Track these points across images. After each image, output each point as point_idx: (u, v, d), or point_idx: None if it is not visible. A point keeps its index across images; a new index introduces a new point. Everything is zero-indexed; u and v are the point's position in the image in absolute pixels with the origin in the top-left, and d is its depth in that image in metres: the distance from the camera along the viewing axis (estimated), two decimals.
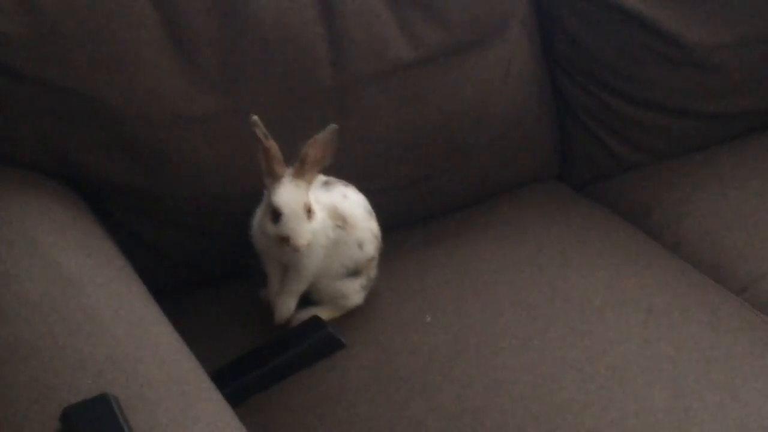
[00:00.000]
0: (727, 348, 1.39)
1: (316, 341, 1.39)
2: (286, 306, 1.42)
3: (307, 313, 1.44)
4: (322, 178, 1.40)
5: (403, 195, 1.57)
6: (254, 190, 1.38)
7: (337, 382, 1.35)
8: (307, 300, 1.45)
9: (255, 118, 1.29)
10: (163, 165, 1.45)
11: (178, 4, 1.42)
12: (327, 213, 1.38)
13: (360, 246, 1.42)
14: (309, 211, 1.34)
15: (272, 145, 1.31)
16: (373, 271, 1.46)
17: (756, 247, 1.57)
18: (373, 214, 1.44)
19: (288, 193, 1.32)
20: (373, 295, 1.47)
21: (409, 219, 1.59)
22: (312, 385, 1.35)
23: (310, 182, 1.35)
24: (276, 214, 1.32)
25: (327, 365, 1.37)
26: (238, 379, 1.32)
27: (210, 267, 1.52)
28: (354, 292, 1.45)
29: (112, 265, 1.29)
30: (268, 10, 1.46)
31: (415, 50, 1.55)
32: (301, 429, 1.29)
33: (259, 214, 1.38)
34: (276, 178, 1.33)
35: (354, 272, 1.43)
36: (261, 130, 1.29)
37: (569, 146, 1.74)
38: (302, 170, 1.33)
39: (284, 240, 1.32)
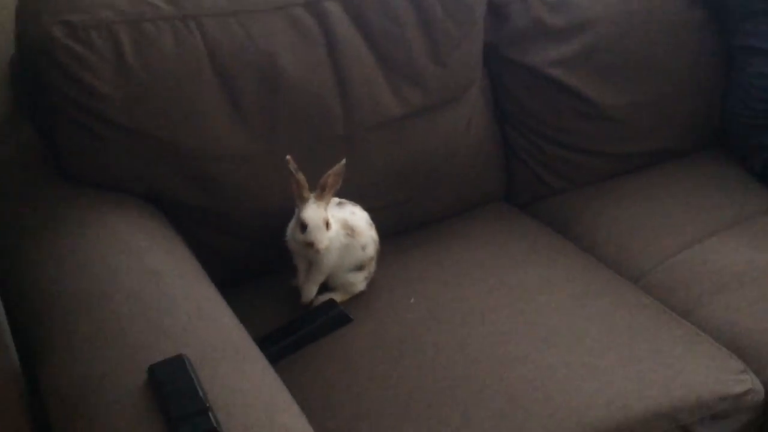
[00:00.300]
0: (625, 321, 1.39)
1: (331, 317, 1.40)
2: (310, 291, 1.42)
3: (324, 297, 1.44)
4: (336, 199, 1.41)
5: (394, 212, 1.58)
6: (287, 208, 1.40)
7: (346, 347, 1.36)
8: (324, 287, 1.45)
9: (288, 158, 1.33)
10: (221, 191, 1.45)
11: (233, 75, 1.42)
12: (340, 225, 1.40)
13: (363, 248, 1.42)
14: (327, 224, 1.35)
15: (301, 177, 1.33)
16: (372, 266, 1.47)
17: (647, 249, 1.57)
18: (373, 225, 1.46)
19: (312, 211, 1.34)
20: (372, 283, 1.47)
21: (398, 229, 1.59)
22: (328, 348, 1.36)
23: (327, 203, 1.37)
24: (303, 226, 1.34)
25: (339, 334, 1.38)
26: (274, 345, 1.33)
27: (255, 263, 1.52)
28: (359, 281, 1.45)
29: (184, 261, 1.29)
30: (297, 79, 1.46)
31: (402, 108, 1.55)
32: (319, 381, 1.29)
33: (291, 226, 1.40)
34: (303, 200, 1.34)
35: (359, 267, 1.44)
36: (293, 166, 1.32)
37: (513, 177, 1.74)
38: (322, 194, 1.35)
39: (309, 244, 1.34)
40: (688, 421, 1.23)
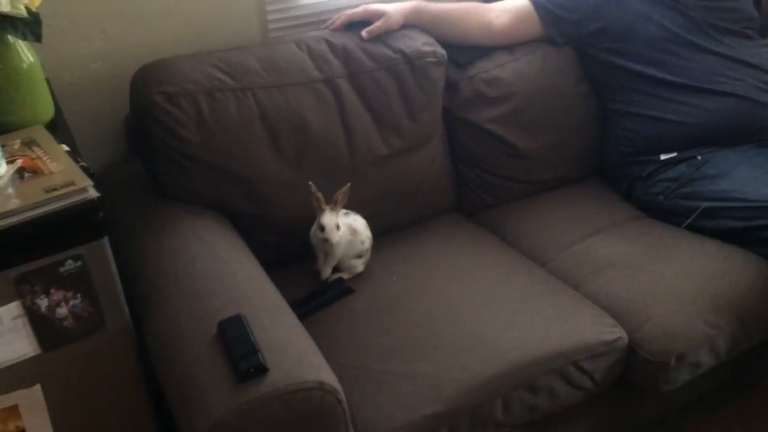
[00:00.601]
0: (535, 291, 1.38)
1: (340, 289, 1.39)
2: (326, 272, 1.41)
3: (335, 276, 1.42)
4: (344, 210, 1.40)
5: (382, 219, 1.55)
6: (310, 216, 1.38)
7: (350, 309, 1.35)
8: (336, 269, 1.43)
9: (310, 183, 1.32)
10: (267, 204, 1.44)
11: (275, 127, 1.42)
12: (346, 227, 1.38)
13: (362, 243, 1.42)
14: (338, 226, 1.34)
15: (319, 195, 1.32)
16: (368, 255, 1.45)
17: (551, 244, 1.55)
18: (368, 227, 1.44)
19: (328, 218, 1.33)
20: (368, 267, 1.46)
21: (385, 230, 1.57)
22: (338, 310, 1.35)
23: (338, 212, 1.35)
24: (322, 228, 1.33)
25: (345, 301, 1.37)
26: (302, 308, 1.32)
27: (289, 252, 1.49)
28: (359, 265, 1.44)
29: (241, 250, 1.30)
30: (318, 130, 1.45)
31: (388, 149, 1.54)
32: (333, 332, 1.29)
33: (314, 228, 1.38)
34: (322, 210, 1.33)
35: (359, 255, 1.43)
36: (313, 188, 1.31)
37: (462, 196, 1.73)
38: (334, 206, 1.34)
39: (326, 240, 1.33)
40: (577, 358, 1.24)
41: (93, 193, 0.97)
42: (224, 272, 1.14)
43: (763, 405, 1.66)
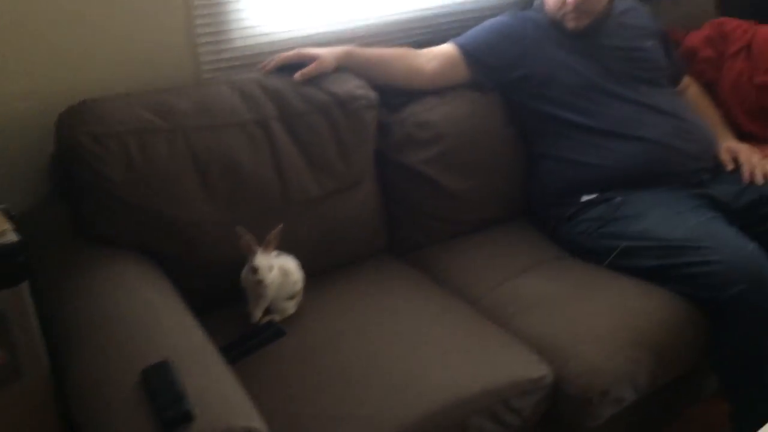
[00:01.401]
0: (465, 330, 1.40)
1: (271, 332, 1.37)
2: (257, 314, 1.39)
3: (267, 318, 1.40)
4: (275, 251, 1.38)
5: (314, 259, 1.53)
6: (242, 258, 1.36)
7: (281, 351, 1.33)
8: (267, 311, 1.41)
9: (238, 227, 1.30)
10: (195, 245, 1.41)
11: (207, 168, 1.40)
12: (278, 269, 1.36)
13: (294, 284, 1.41)
14: (270, 268, 1.32)
15: (249, 238, 1.30)
16: (300, 296, 1.44)
17: (480, 283, 1.57)
18: (300, 268, 1.43)
19: (260, 259, 1.32)
20: (300, 308, 1.44)
21: (318, 270, 1.54)
22: (269, 354, 1.33)
23: (270, 253, 1.34)
24: (254, 269, 1.31)
25: (277, 343, 1.35)
26: (231, 352, 1.29)
27: (218, 295, 1.46)
28: (291, 306, 1.42)
29: (168, 294, 1.27)
30: (251, 171, 1.45)
31: (321, 190, 1.55)
32: (262, 375, 1.26)
33: (245, 270, 1.36)
34: (253, 252, 1.31)
35: (291, 297, 1.42)
36: (242, 232, 1.29)
37: (393, 236, 1.73)
38: (267, 248, 1.32)
39: (259, 282, 1.31)
40: (506, 396, 1.26)
41: (13, 237, 0.94)
42: (150, 317, 1.11)
43: None
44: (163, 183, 1.35)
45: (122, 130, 1.32)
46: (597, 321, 1.40)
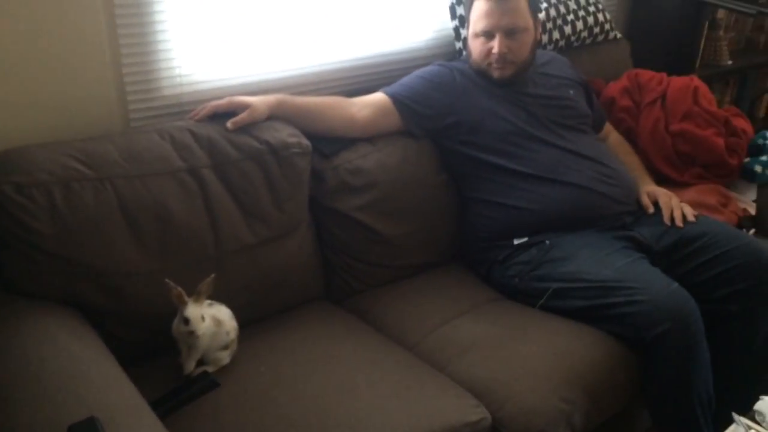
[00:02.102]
0: (402, 376, 1.40)
1: (204, 384, 1.33)
2: (189, 365, 1.35)
3: (199, 369, 1.37)
4: (208, 301, 1.36)
5: (249, 308, 1.52)
6: (173, 309, 1.33)
7: (216, 404, 1.30)
8: (200, 362, 1.38)
9: (166, 280, 1.28)
10: (125, 297, 1.38)
11: (136, 217, 1.39)
12: (210, 319, 1.34)
13: (227, 334, 1.38)
14: (202, 318, 1.30)
15: (178, 291, 1.28)
16: (235, 346, 1.42)
17: (416, 327, 1.59)
18: (234, 318, 1.41)
19: (192, 310, 1.30)
20: (234, 358, 1.41)
21: (252, 319, 1.53)
22: (203, 406, 1.29)
23: (201, 303, 1.32)
24: (186, 320, 1.29)
25: (211, 395, 1.32)
26: (163, 405, 1.25)
27: (149, 347, 1.43)
28: (225, 357, 1.40)
29: (96, 348, 1.24)
30: (182, 219, 1.44)
31: (255, 238, 1.54)
32: (197, 429, 1.24)
33: (176, 321, 1.33)
34: (184, 303, 1.29)
35: (225, 347, 1.39)
36: (171, 284, 1.27)
37: (329, 282, 1.74)
38: (199, 298, 1.31)
39: (191, 333, 1.28)
40: None
41: None
42: (76, 372, 1.07)
43: None
44: (91, 233, 1.32)
45: (47, 180, 1.29)
46: (532, 362, 1.43)
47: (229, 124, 1.55)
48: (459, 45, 2.07)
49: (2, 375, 1.07)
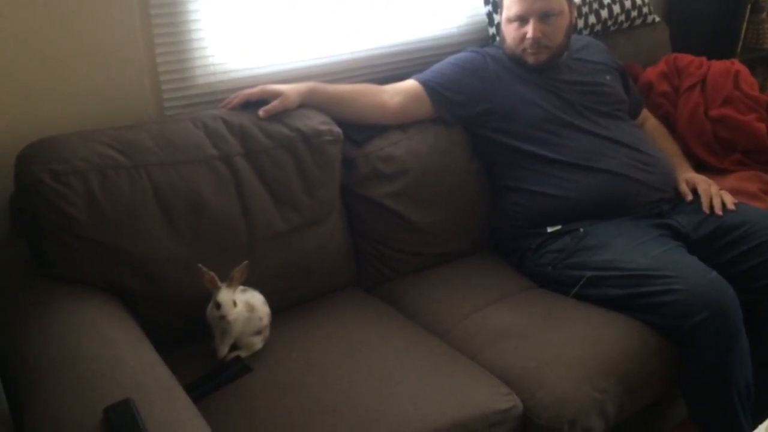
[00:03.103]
0: (433, 363, 1.40)
1: (237, 368, 1.36)
2: (223, 350, 1.38)
3: (233, 354, 1.39)
4: (241, 287, 1.38)
5: (281, 295, 1.54)
6: (207, 294, 1.36)
7: (248, 389, 1.32)
8: (234, 347, 1.40)
9: (199, 265, 1.31)
10: (160, 283, 1.41)
11: (170, 205, 1.41)
12: (243, 304, 1.36)
13: (260, 319, 1.40)
14: (234, 303, 1.32)
15: (211, 275, 1.31)
16: (267, 331, 1.44)
17: (448, 316, 1.59)
18: (266, 303, 1.43)
19: (224, 295, 1.32)
20: (267, 343, 1.43)
21: (284, 306, 1.55)
22: (235, 391, 1.32)
23: (235, 289, 1.34)
24: (218, 305, 1.30)
25: (243, 380, 1.34)
26: (197, 389, 1.28)
27: (183, 332, 1.45)
28: (257, 342, 1.42)
29: (132, 332, 1.26)
30: (215, 207, 1.46)
31: (286, 226, 1.56)
32: (229, 414, 1.25)
33: (210, 306, 1.36)
34: (217, 288, 1.31)
35: (258, 332, 1.41)
36: (203, 270, 1.30)
37: (361, 270, 1.75)
38: (231, 284, 1.33)
39: (222, 318, 1.30)
40: (475, 428, 1.27)
41: None
42: (112, 355, 1.10)
43: None
44: (126, 220, 1.35)
45: (84, 168, 1.32)
46: (564, 351, 1.43)
47: (261, 112, 1.57)
48: (492, 30, 2.05)
49: (41, 358, 1.11)
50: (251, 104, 1.59)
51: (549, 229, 1.71)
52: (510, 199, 1.79)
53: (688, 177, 1.82)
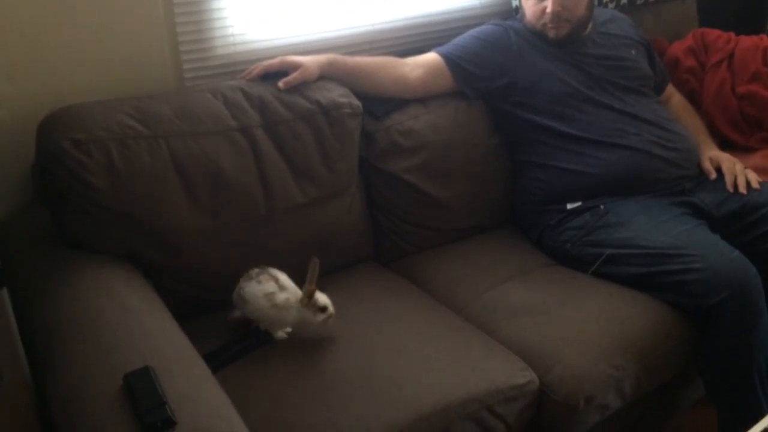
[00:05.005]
0: (450, 338, 1.41)
1: (257, 338, 1.37)
2: (280, 333, 1.37)
3: (253, 325, 1.39)
4: (256, 269, 1.37)
5: (297, 269, 1.48)
6: (225, 265, 1.37)
7: (265, 359, 1.33)
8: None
9: (314, 257, 1.32)
10: (179, 253, 1.42)
11: (189, 175, 1.41)
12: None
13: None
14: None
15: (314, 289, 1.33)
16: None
17: (466, 291, 1.58)
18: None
19: (324, 297, 1.35)
20: None
21: (300, 280, 1.51)
22: (255, 360, 1.33)
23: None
24: (323, 308, 1.34)
25: (261, 351, 1.35)
26: (215, 359, 1.29)
27: (201, 302, 1.46)
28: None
29: (152, 301, 1.27)
30: (234, 178, 1.46)
31: (305, 198, 1.55)
32: (247, 383, 1.26)
33: (302, 313, 1.34)
34: (312, 289, 1.33)
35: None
36: (314, 269, 1.31)
37: (379, 244, 1.75)
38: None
39: (329, 317, 1.34)
40: (490, 402, 1.27)
41: None
42: (132, 324, 1.12)
43: None
44: (146, 190, 1.36)
45: (104, 137, 1.32)
46: (582, 328, 1.42)
47: (280, 83, 1.56)
48: (515, 3, 2.02)
49: (62, 325, 1.13)
50: (271, 75, 1.58)
51: (569, 206, 1.70)
52: (530, 174, 1.77)
53: (712, 155, 1.79)
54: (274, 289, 1.33)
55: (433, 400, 1.22)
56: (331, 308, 1.33)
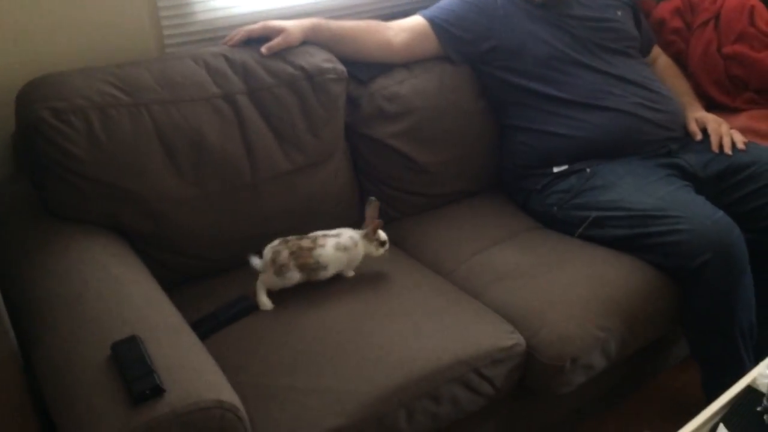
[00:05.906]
0: (437, 302, 1.42)
1: (243, 306, 1.37)
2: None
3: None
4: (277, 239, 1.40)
5: (283, 235, 1.49)
6: (210, 233, 1.37)
7: (253, 326, 1.34)
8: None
9: (372, 198, 1.45)
10: (164, 222, 1.41)
11: (172, 143, 1.40)
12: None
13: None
14: None
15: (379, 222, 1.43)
16: None
17: (452, 255, 1.59)
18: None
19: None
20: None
21: None
22: (242, 327, 1.33)
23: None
24: (383, 242, 1.45)
25: (249, 318, 1.36)
26: (203, 327, 1.29)
27: (187, 271, 1.47)
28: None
29: (138, 271, 1.27)
30: (218, 146, 1.45)
31: (290, 165, 1.55)
32: (234, 350, 1.27)
33: (365, 245, 1.45)
34: (376, 225, 1.43)
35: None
36: (376, 208, 1.44)
37: (364, 210, 1.71)
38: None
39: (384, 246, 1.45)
40: (478, 365, 1.28)
41: None
42: (119, 293, 1.12)
43: (652, 401, 1.77)
44: (128, 159, 1.34)
45: (85, 105, 1.31)
46: (569, 290, 1.43)
47: (263, 49, 1.54)
48: None
49: (48, 296, 1.12)
50: (253, 41, 1.56)
51: (555, 170, 1.70)
52: (516, 138, 1.77)
53: (698, 116, 1.79)
54: (335, 236, 1.42)
55: (422, 363, 1.23)
56: (388, 243, 1.41)
